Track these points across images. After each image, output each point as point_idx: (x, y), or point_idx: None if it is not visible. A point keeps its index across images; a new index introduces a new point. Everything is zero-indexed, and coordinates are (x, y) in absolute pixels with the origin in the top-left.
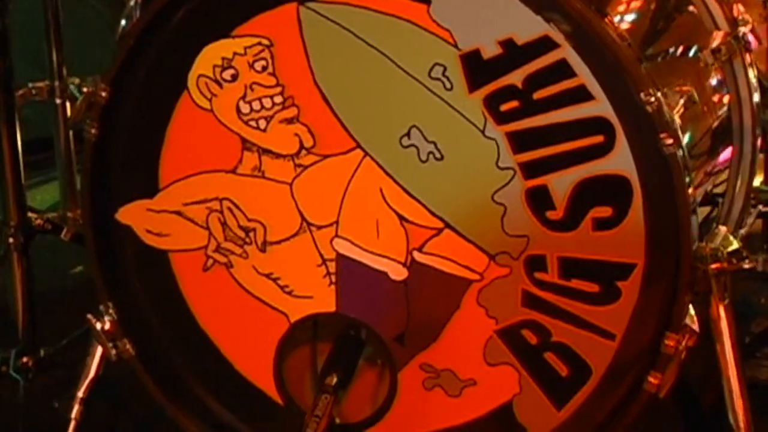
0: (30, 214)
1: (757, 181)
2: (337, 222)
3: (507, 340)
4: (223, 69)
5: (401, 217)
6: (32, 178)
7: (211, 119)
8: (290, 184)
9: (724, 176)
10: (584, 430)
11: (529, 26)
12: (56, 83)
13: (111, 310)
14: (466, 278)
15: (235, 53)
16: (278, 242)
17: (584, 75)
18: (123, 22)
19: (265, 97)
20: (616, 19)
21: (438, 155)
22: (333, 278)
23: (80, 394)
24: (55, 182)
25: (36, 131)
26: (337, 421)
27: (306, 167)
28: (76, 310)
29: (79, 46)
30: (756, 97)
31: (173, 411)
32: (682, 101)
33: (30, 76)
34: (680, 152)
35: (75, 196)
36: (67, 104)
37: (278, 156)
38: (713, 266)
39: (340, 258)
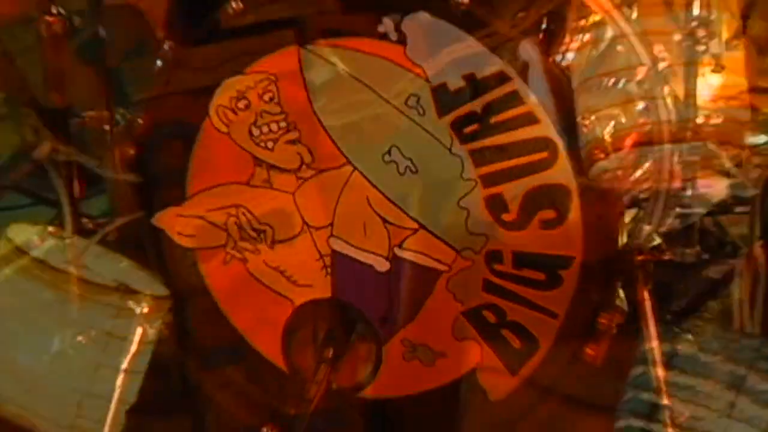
0: (84, 220)
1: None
2: (331, 224)
3: (471, 319)
4: (238, 100)
5: (384, 220)
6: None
7: (229, 141)
8: (293, 194)
9: (648, 184)
10: (534, 392)
11: (488, 64)
12: (105, 113)
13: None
14: (438, 269)
15: (247, 87)
16: (284, 241)
17: (531, 103)
18: (158, 62)
19: (272, 122)
20: (558, 58)
21: (413, 169)
22: (329, 270)
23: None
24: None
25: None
26: (334, 386)
27: (306, 179)
28: None
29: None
30: (674, 119)
31: (202, 379)
32: (612, 123)
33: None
34: (610, 165)
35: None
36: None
37: (283, 171)
38: (639, 258)
39: (335, 253)
